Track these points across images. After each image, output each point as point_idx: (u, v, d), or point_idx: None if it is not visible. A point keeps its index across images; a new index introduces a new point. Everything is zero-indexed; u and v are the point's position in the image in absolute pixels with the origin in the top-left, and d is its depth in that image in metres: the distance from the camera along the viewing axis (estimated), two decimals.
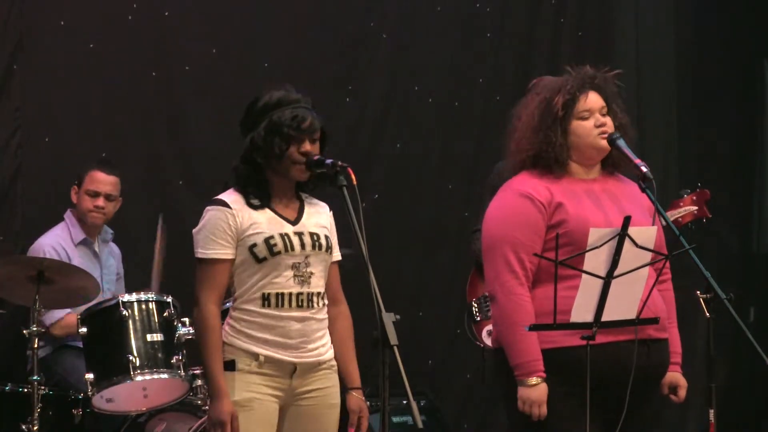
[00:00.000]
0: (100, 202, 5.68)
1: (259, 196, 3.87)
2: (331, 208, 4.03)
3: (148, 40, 6.34)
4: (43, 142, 6.08)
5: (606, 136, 3.90)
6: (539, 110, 3.91)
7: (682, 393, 4.03)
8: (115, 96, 6.24)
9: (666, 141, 7.58)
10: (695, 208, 5.11)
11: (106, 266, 5.80)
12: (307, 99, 3.89)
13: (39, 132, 6.08)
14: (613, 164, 4.02)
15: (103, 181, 5.71)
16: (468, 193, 6.95)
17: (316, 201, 4.00)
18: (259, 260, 3.82)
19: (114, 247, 5.92)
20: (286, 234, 3.85)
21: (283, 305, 3.83)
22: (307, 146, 3.83)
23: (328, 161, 3.77)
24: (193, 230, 3.88)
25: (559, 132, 3.88)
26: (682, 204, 5.14)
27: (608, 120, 3.93)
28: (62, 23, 6.12)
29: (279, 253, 3.82)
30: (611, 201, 3.93)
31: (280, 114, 3.81)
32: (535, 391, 3.79)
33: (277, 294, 3.83)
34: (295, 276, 3.85)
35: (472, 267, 5.42)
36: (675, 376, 4.02)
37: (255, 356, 3.83)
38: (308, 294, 3.86)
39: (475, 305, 5.35)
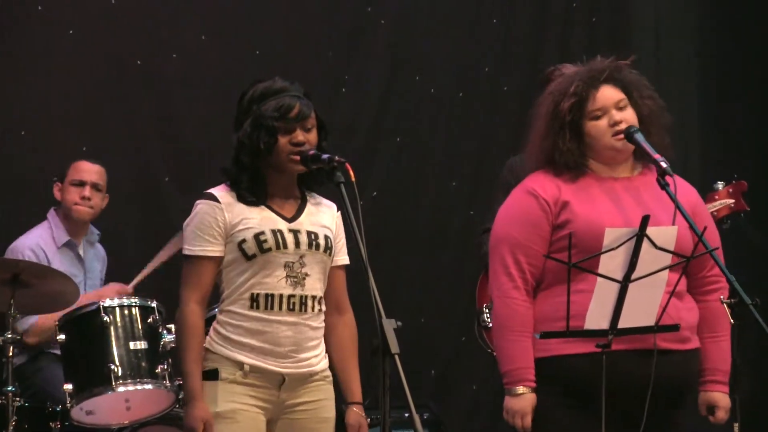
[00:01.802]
0: (87, 191, 5.58)
1: (254, 193, 3.77)
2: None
3: (133, 27, 6.27)
4: (19, 136, 6.04)
5: (621, 136, 3.74)
6: (546, 116, 3.82)
7: (721, 414, 3.86)
8: (97, 86, 6.17)
9: (687, 134, 7.46)
10: (732, 200, 4.91)
11: (90, 270, 5.69)
12: (296, 87, 3.79)
13: (14, 125, 6.03)
14: (641, 155, 3.85)
15: (89, 169, 5.62)
16: (473, 191, 6.89)
17: (321, 200, 3.91)
18: (249, 257, 3.71)
19: (100, 249, 5.84)
20: (279, 230, 3.74)
21: (272, 308, 3.72)
22: (299, 136, 3.71)
23: (325, 156, 3.66)
24: (184, 223, 3.82)
25: (567, 137, 3.77)
26: (717, 197, 4.95)
27: (627, 114, 3.76)
28: (39, 8, 6.07)
29: (269, 250, 3.71)
30: (634, 200, 3.77)
31: (265, 106, 3.72)
32: (519, 401, 3.71)
33: (266, 295, 3.71)
34: (287, 276, 3.73)
35: (480, 269, 5.27)
36: (715, 395, 3.85)
37: (240, 365, 3.71)
38: (302, 297, 3.75)
39: (486, 311, 5.22)
